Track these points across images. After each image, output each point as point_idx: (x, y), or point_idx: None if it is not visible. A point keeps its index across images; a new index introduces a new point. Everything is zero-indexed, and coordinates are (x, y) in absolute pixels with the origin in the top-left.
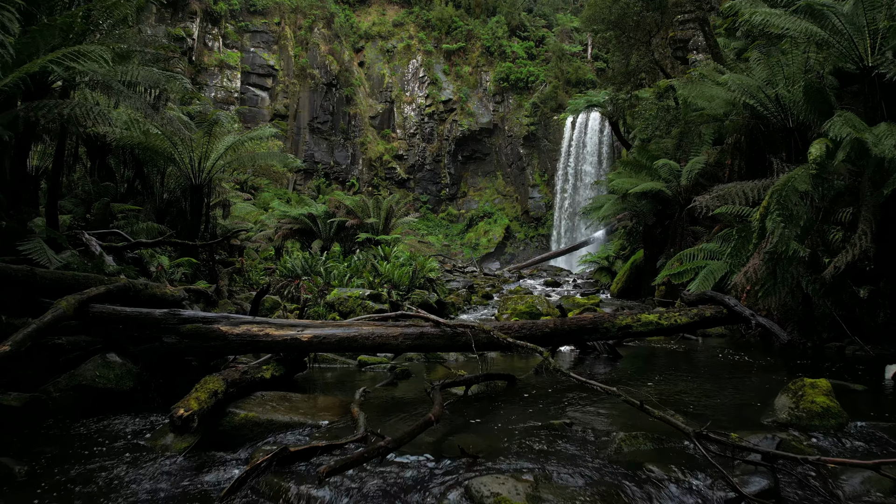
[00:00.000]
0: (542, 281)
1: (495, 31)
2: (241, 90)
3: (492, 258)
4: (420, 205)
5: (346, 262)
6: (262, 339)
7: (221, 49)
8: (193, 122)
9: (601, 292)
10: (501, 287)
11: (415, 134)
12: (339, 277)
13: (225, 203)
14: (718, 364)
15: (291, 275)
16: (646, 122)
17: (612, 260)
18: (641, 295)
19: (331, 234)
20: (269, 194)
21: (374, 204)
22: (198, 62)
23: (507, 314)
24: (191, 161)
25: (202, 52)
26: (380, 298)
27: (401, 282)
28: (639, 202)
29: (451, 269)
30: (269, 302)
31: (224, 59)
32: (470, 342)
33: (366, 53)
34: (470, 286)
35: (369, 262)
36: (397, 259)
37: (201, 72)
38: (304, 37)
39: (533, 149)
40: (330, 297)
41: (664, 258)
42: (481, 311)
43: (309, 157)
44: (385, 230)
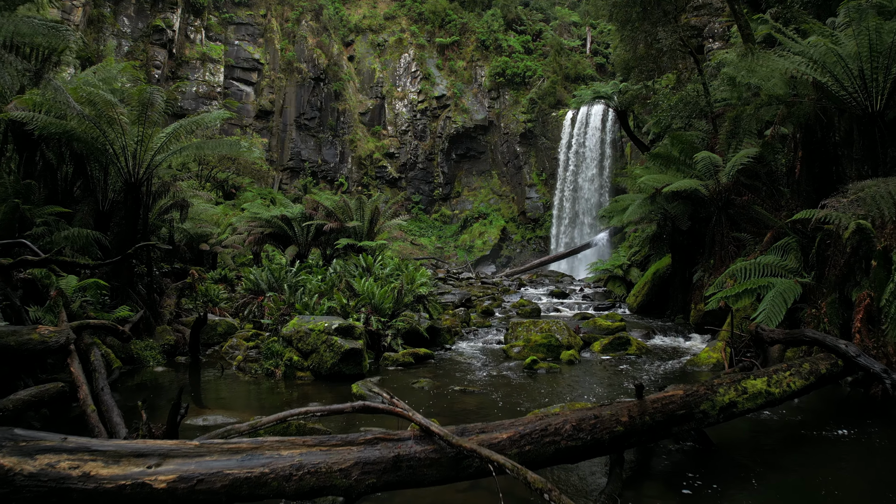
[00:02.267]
0: (545, 290)
1: (491, 25)
2: (224, 85)
3: (487, 261)
4: (412, 205)
5: (320, 274)
6: (76, 484)
7: (204, 41)
8: (128, 105)
9: (617, 306)
10: (502, 298)
11: (407, 131)
12: (309, 295)
13: (182, 204)
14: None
15: (256, 290)
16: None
17: (626, 268)
18: (669, 312)
19: (308, 239)
20: (252, 193)
21: (357, 205)
22: (179, 55)
23: (520, 347)
24: (123, 152)
25: (183, 45)
26: (352, 332)
27: (383, 305)
28: (669, 203)
29: (445, 277)
30: (223, 327)
31: (207, 51)
32: (486, 469)
33: (356, 47)
34: (467, 299)
35: (344, 279)
36: (383, 269)
37: (182, 65)
38: (292, 29)
39: (530, 147)
40: (287, 329)
41: (702, 271)
42: (483, 336)
43: (295, 154)
44: (370, 235)
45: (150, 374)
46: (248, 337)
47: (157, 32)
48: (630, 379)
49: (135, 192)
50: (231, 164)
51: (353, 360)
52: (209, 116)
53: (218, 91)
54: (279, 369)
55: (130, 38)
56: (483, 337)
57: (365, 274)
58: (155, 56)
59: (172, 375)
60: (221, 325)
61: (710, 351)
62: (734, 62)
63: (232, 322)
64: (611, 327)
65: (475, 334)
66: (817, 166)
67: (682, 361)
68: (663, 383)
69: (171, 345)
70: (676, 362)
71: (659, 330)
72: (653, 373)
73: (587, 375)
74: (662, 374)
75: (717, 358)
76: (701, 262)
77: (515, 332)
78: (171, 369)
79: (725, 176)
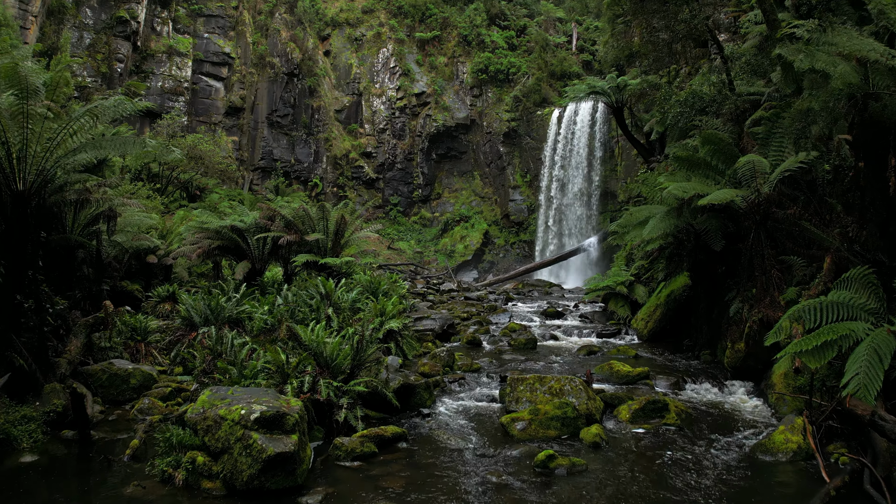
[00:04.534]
0: (537, 308)
1: (473, 20)
2: (192, 80)
3: (469, 266)
4: (390, 207)
5: (267, 304)
6: None
7: (171, 34)
8: None
9: (624, 332)
10: (489, 320)
11: (385, 129)
12: (240, 345)
13: (109, 214)
14: None
15: (189, 323)
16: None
17: (629, 285)
18: (689, 343)
19: (264, 252)
20: (219, 195)
21: (320, 214)
22: (143, 48)
23: (524, 421)
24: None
25: (149, 38)
26: (282, 424)
27: (337, 360)
28: (696, 217)
29: (424, 291)
30: (137, 378)
31: (174, 45)
32: None
33: (332, 42)
34: (449, 325)
35: (285, 323)
36: (347, 294)
37: (147, 59)
38: (264, 22)
39: (514, 147)
40: (193, 411)
41: (739, 301)
42: (472, 387)
43: (267, 154)
44: (334, 249)
45: (9, 468)
46: (165, 395)
47: (121, 24)
48: (690, 486)
49: (21, 204)
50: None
51: (281, 468)
52: (106, 104)
53: (185, 86)
54: (179, 473)
55: (93, 31)
56: (472, 390)
57: (323, 304)
58: (118, 49)
59: (39, 471)
60: (136, 376)
61: (788, 433)
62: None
63: (149, 371)
64: (630, 374)
65: (461, 384)
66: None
67: (745, 443)
68: (740, 499)
69: (59, 412)
70: (738, 445)
71: (686, 372)
72: (714, 469)
73: (626, 477)
74: (729, 474)
75: (797, 442)
76: (736, 290)
77: (516, 391)
78: (45, 456)
79: (768, 185)
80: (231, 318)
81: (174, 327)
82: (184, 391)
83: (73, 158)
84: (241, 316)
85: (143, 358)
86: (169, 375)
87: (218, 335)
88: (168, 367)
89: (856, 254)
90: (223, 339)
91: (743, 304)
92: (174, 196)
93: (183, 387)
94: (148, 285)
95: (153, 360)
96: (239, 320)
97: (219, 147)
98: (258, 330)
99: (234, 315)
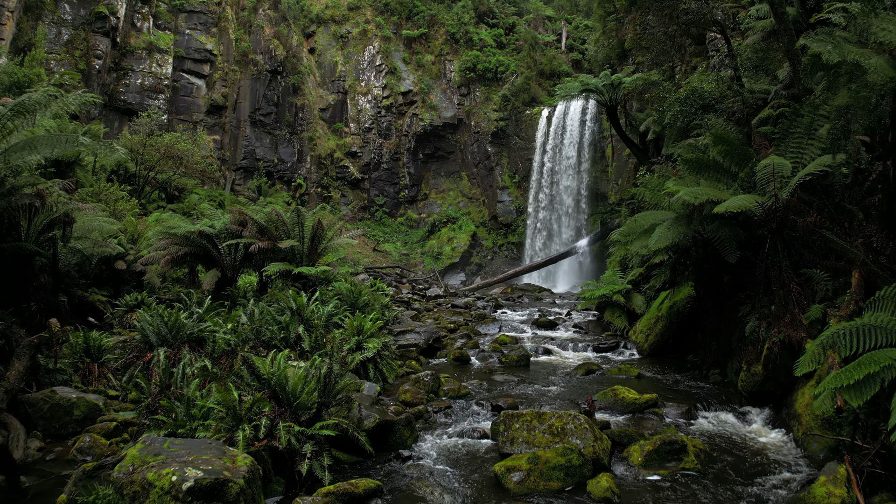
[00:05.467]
0: (528, 316)
1: (461, 17)
2: (172, 77)
3: (456, 269)
4: (376, 208)
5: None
6: None
7: (152, 30)
8: None
9: (622, 346)
10: (478, 331)
11: (370, 129)
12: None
13: (64, 220)
14: None
15: (146, 341)
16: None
17: (627, 294)
18: (695, 359)
19: (235, 260)
20: (199, 196)
21: (295, 219)
22: (123, 45)
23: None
24: None
25: (129, 34)
26: (223, 495)
27: (301, 398)
28: (707, 225)
29: (409, 297)
30: (82, 409)
31: (154, 41)
32: None
33: (317, 39)
34: (435, 339)
35: (240, 354)
36: (323, 307)
37: (126, 55)
38: (248, 18)
39: (502, 147)
40: (120, 469)
41: (756, 319)
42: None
43: (249, 153)
44: (310, 257)
45: None
46: (110, 431)
47: (100, 20)
48: None
49: None
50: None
51: None
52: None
53: (165, 84)
54: None
55: (71, 27)
56: (460, 421)
57: (294, 321)
58: (96, 45)
59: None
60: (80, 407)
61: (830, 485)
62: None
63: (94, 401)
64: (637, 401)
65: (447, 415)
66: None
67: (779, 495)
68: None
69: None
70: (772, 499)
71: (696, 396)
72: None
73: None
74: None
75: (840, 497)
76: (751, 306)
77: (511, 429)
78: None
79: (788, 189)
80: (192, 336)
81: (132, 345)
82: (131, 426)
83: (8, 159)
84: (203, 334)
85: (95, 381)
86: (122, 402)
87: (175, 357)
88: (122, 393)
89: (883, 267)
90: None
91: (760, 322)
92: (152, 197)
93: (131, 420)
94: (118, 292)
95: (107, 383)
96: (201, 339)
97: (198, 146)
98: (220, 352)
99: (196, 333)
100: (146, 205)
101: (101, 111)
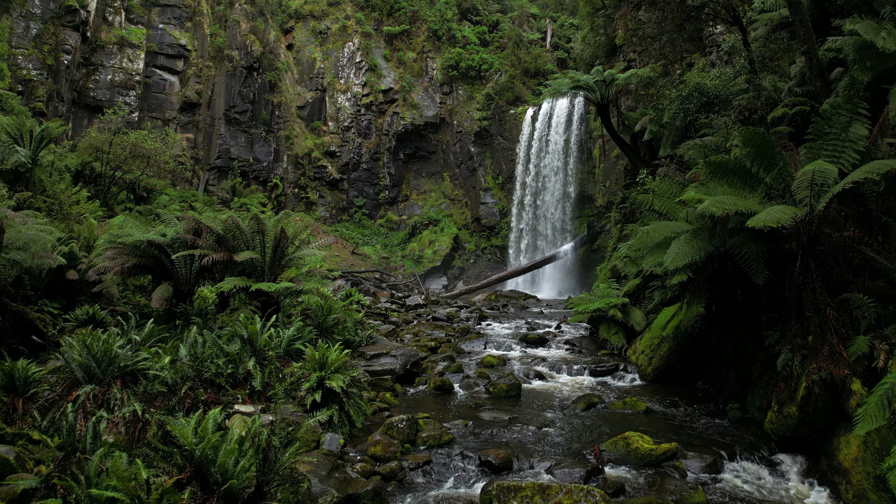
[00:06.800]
0: (514, 329)
1: (444, 14)
2: (144, 73)
3: (438, 273)
4: (355, 210)
5: (169, 354)
6: None
7: (123, 24)
8: None
9: (623, 369)
10: (461, 350)
11: (349, 127)
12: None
13: None
14: None
15: (73, 377)
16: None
17: (624, 308)
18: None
19: (191, 273)
20: (170, 197)
21: (255, 227)
22: (94, 39)
23: None
24: None
25: (100, 28)
26: None
27: (235, 478)
28: (729, 238)
29: (386, 308)
30: None
31: (126, 35)
32: None
33: (295, 35)
34: (413, 363)
35: (155, 417)
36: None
37: (97, 50)
38: (224, 13)
39: (486, 147)
40: None
41: (789, 350)
42: (443, 478)
43: (224, 152)
44: (273, 270)
45: None
46: (15, 497)
47: (70, 13)
48: None
49: None
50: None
51: None
52: None
53: (136, 80)
54: None
55: (40, 20)
56: (442, 484)
57: (245, 351)
58: (66, 40)
59: None
60: None
61: None
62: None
63: (3, 455)
64: (653, 452)
65: (427, 472)
66: None
67: None
68: None
69: None
70: None
71: (717, 439)
72: None
73: None
74: None
75: None
76: (780, 333)
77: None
78: None
79: (825, 199)
80: (127, 370)
81: (65, 376)
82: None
83: None
84: (140, 367)
85: (20, 420)
86: (48, 450)
87: (104, 397)
88: (43, 436)
89: None
90: (110, 400)
91: (793, 355)
92: (119, 198)
93: (37, 488)
94: (72, 304)
95: (32, 423)
96: (138, 373)
97: (166, 145)
98: (156, 391)
99: (131, 366)
100: (113, 206)
101: (70, 108)
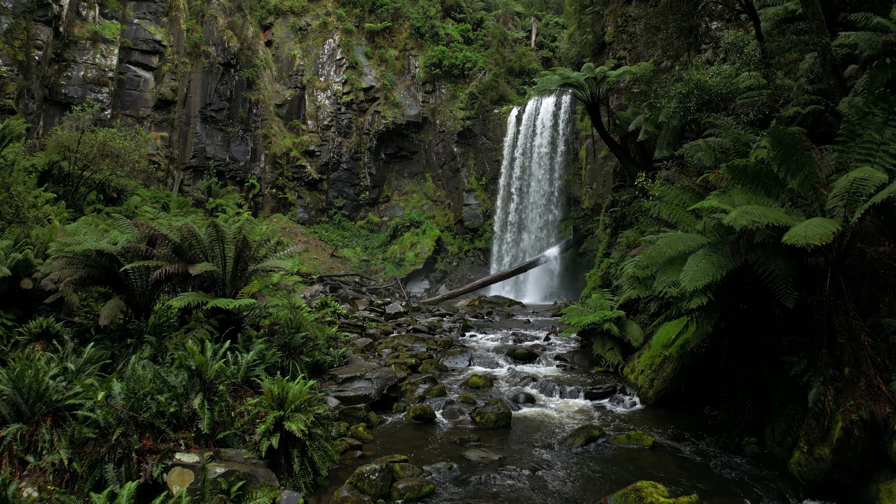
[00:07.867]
0: (501, 341)
1: (427, 10)
2: (118, 69)
3: (420, 276)
4: (335, 211)
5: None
6: None
7: (97, 19)
8: None
9: (621, 391)
10: (444, 366)
11: (329, 126)
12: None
13: None
14: None
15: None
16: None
17: (621, 322)
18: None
19: (147, 285)
20: (142, 197)
21: (213, 235)
22: (66, 34)
23: None
24: None
25: (73, 23)
26: None
27: None
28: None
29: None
30: None
31: (99, 30)
32: None
33: (274, 31)
34: (391, 387)
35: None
36: (238, 361)
37: (70, 46)
38: (201, 8)
39: (469, 147)
40: None
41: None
42: None
43: (200, 151)
44: (234, 283)
45: None
46: None
47: (43, 7)
48: None
49: None
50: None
51: None
52: None
53: (110, 76)
54: None
55: (11, 15)
56: None
57: (192, 384)
58: (38, 35)
59: None
60: None
61: None
62: None
63: None
64: None
65: None
66: None
67: None
68: None
69: None
70: None
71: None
72: None
73: None
74: None
75: None
76: (808, 361)
77: None
78: None
79: (861, 210)
80: (58, 404)
81: None
82: None
83: None
84: (73, 402)
85: None
86: None
87: (31, 438)
88: None
89: None
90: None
91: (827, 388)
92: (89, 199)
93: None
94: (28, 314)
95: None
96: (72, 409)
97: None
98: (85, 436)
99: (64, 400)
100: (83, 207)
101: (41, 105)
